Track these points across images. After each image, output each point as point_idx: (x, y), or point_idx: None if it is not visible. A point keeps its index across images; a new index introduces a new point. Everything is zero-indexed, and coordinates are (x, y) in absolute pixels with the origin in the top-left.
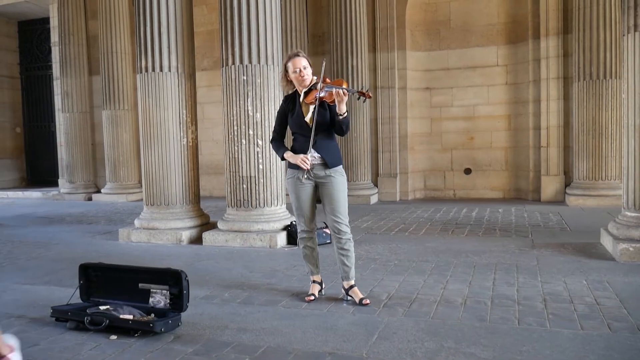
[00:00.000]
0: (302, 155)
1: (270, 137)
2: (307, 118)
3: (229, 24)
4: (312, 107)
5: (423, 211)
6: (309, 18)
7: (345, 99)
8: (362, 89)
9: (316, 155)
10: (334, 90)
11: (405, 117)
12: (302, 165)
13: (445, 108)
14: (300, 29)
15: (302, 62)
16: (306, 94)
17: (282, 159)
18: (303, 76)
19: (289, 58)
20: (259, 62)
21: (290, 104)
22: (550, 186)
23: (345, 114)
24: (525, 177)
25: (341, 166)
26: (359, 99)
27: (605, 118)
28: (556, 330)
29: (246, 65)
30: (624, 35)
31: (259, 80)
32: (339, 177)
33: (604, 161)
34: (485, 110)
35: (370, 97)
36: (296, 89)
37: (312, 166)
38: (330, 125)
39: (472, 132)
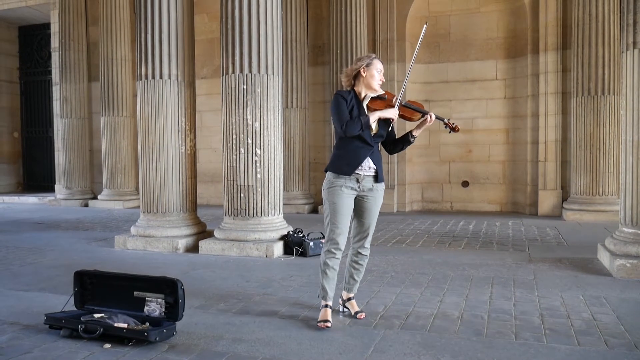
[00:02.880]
0: (393, 110)
1: (342, 124)
2: (374, 126)
3: (229, 33)
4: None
5: (420, 223)
6: (310, 29)
7: (430, 124)
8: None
9: (372, 166)
10: (431, 115)
11: (403, 129)
12: (395, 116)
13: None
14: (300, 40)
15: (383, 69)
16: (372, 99)
17: (370, 125)
18: (383, 80)
19: (375, 58)
20: (259, 71)
21: (352, 102)
22: (547, 200)
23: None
24: (522, 191)
25: (384, 182)
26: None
27: (603, 134)
28: (553, 345)
29: (246, 75)
30: (622, 52)
31: (258, 90)
32: (382, 192)
33: (601, 177)
34: (483, 123)
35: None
36: (354, 89)
37: (363, 177)
38: (388, 140)
39: (470, 145)
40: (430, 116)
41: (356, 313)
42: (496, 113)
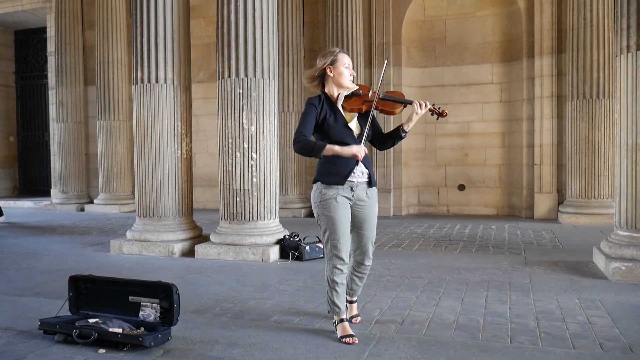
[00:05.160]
0: (356, 147)
1: (296, 138)
2: (354, 127)
3: (225, 37)
4: (355, 115)
5: (416, 227)
6: (306, 33)
7: (422, 113)
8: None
9: (364, 170)
10: (421, 103)
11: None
12: (359, 157)
13: (439, 124)
14: (296, 44)
15: (351, 62)
16: (346, 98)
17: (320, 157)
18: (353, 75)
19: (339, 52)
20: (254, 75)
21: (325, 108)
22: (543, 204)
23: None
24: (518, 194)
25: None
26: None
27: (598, 137)
28: (548, 349)
29: (242, 79)
30: (617, 56)
31: (254, 94)
32: (376, 198)
33: (596, 180)
34: (479, 127)
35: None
36: (325, 92)
37: (357, 185)
38: (373, 136)
39: (466, 148)
40: (420, 105)
41: (352, 317)
42: (492, 117)
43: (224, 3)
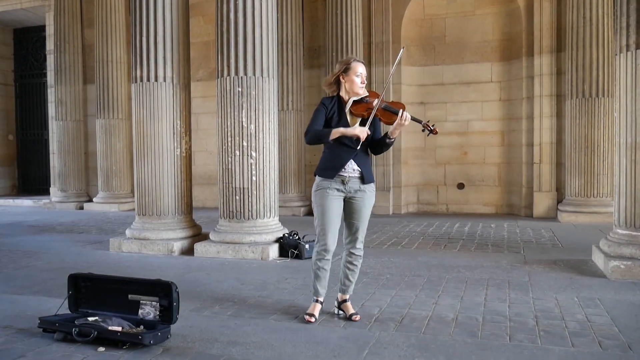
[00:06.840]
0: (359, 128)
1: (307, 131)
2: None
3: (224, 35)
4: (359, 119)
5: (416, 225)
6: (305, 31)
7: (403, 124)
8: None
9: (356, 168)
10: (403, 114)
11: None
12: (362, 136)
13: (439, 123)
14: (296, 42)
15: (364, 70)
16: (354, 103)
17: (328, 141)
18: (364, 82)
19: (353, 60)
20: (254, 74)
21: (334, 109)
22: (542, 202)
23: (395, 138)
24: (517, 193)
25: (374, 184)
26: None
27: (597, 136)
28: (547, 347)
29: (241, 77)
30: (616, 54)
31: (254, 92)
32: (371, 193)
33: (595, 178)
34: (478, 125)
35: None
36: (338, 94)
37: (349, 179)
38: (371, 141)
39: (466, 147)
40: (402, 116)
41: (351, 315)
42: (491, 115)
43: (223, 1)
